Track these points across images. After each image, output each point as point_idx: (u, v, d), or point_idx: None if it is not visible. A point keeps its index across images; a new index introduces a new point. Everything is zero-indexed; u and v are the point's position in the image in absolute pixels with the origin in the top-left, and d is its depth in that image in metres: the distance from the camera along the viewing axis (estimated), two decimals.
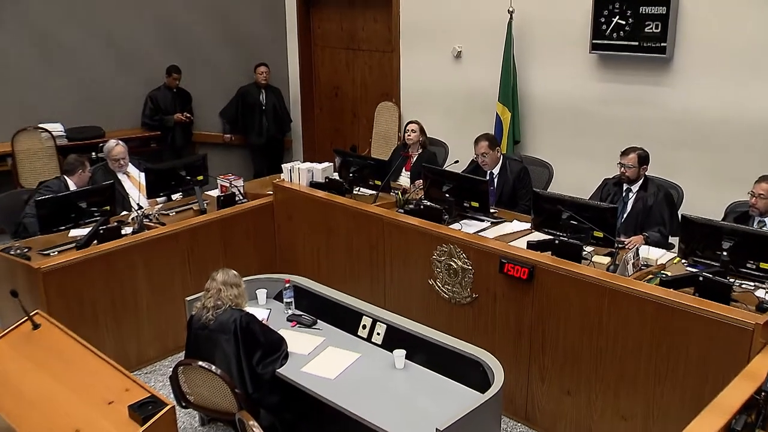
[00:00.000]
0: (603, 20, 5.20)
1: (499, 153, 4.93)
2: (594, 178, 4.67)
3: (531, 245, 3.88)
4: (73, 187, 4.80)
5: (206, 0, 7.30)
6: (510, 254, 3.79)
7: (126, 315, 4.34)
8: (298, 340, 3.60)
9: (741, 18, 4.70)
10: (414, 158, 5.48)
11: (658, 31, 4.94)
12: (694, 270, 3.51)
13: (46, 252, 4.24)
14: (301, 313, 3.86)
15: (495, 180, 4.87)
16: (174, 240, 4.54)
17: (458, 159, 5.03)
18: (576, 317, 3.53)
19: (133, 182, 5.16)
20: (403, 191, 4.86)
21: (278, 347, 3.44)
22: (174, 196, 5.18)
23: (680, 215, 3.84)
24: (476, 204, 4.35)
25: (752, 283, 3.44)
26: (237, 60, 7.44)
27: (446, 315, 4.15)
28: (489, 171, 4.88)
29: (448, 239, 4.06)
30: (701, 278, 3.29)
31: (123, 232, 4.46)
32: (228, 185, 5.20)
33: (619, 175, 4.35)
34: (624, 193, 4.36)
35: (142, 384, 2.78)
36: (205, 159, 5.21)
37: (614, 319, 3.38)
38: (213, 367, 3.17)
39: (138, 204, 4.90)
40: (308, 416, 3.43)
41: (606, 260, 3.78)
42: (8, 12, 6.46)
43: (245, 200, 5.14)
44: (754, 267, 3.34)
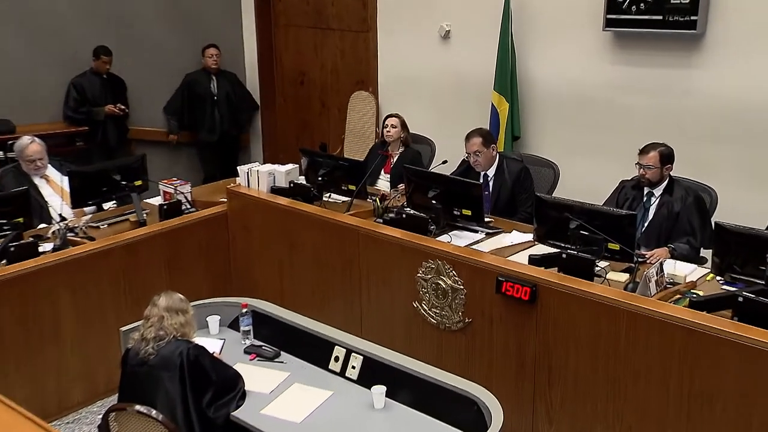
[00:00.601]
0: None
1: (495, 151, 4.96)
2: (608, 180, 4.71)
3: (533, 260, 3.91)
4: None
5: None
6: (509, 271, 3.81)
7: (44, 351, 4.28)
8: (258, 377, 3.58)
9: None
10: (394, 158, 5.50)
11: (687, 3, 4.94)
12: (732, 289, 3.55)
13: None
14: (262, 344, 3.84)
15: (490, 183, 4.91)
16: (105, 258, 4.51)
17: (447, 159, 5.06)
18: (588, 345, 3.56)
19: (54, 188, 5.12)
20: (382, 197, 4.88)
21: (233, 385, 3.42)
22: (105, 206, 5.14)
23: (713, 223, 3.86)
24: (468, 212, 4.37)
25: None
26: (182, 40, 7.42)
27: (434, 344, 4.16)
28: (483, 173, 4.91)
29: (436, 254, 4.07)
30: (740, 299, 3.29)
31: (41, 250, 4.41)
32: (172, 192, 5.19)
33: (639, 177, 4.40)
34: (645, 198, 4.41)
35: None
36: (144, 160, 5.19)
37: (635, 348, 3.41)
38: (153, 412, 3.14)
39: (60, 215, 4.86)
40: None
41: (624, 277, 3.81)
42: None
43: (194, 209, 5.13)
44: None
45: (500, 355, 3.91)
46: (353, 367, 3.57)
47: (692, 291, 3.69)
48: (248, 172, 5.14)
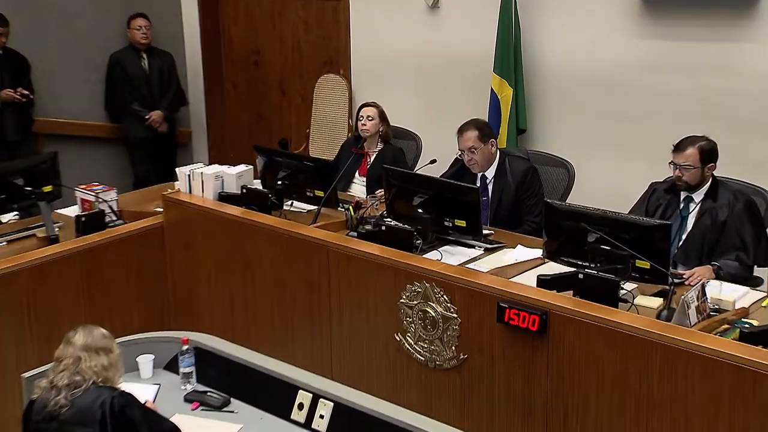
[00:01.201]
0: None
1: (495, 148, 4.99)
2: (636, 183, 4.75)
3: (543, 281, 3.91)
4: None
5: None
6: (513, 295, 3.81)
7: None
8: (203, 430, 3.56)
9: None
10: (372, 157, 5.53)
11: None
12: None
13: None
14: (207, 389, 3.83)
15: (489, 187, 4.93)
16: (5, 285, 4.45)
17: (436, 158, 5.07)
18: (612, 386, 3.56)
19: None
20: (357, 206, 4.88)
21: None
22: (5, 217, 5.12)
23: None
24: (462, 223, 4.37)
25: None
26: (102, 9, 7.39)
27: (421, 386, 4.15)
28: (481, 174, 4.94)
29: (423, 275, 4.07)
30: None
31: None
32: (93, 199, 5.16)
33: (674, 179, 4.42)
34: (681, 204, 4.44)
35: None
36: (56, 160, 5.15)
37: (670, 389, 3.40)
38: None
39: None
40: None
41: (656, 303, 3.83)
42: None
43: (121, 222, 5.11)
44: None
45: (503, 399, 3.90)
46: (321, 417, 3.54)
47: (743, 320, 3.70)
48: (190, 175, 5.13)
